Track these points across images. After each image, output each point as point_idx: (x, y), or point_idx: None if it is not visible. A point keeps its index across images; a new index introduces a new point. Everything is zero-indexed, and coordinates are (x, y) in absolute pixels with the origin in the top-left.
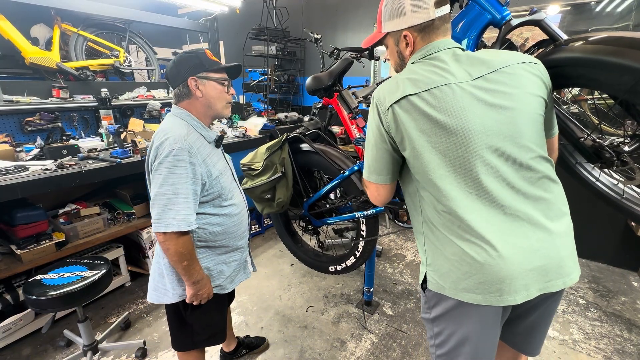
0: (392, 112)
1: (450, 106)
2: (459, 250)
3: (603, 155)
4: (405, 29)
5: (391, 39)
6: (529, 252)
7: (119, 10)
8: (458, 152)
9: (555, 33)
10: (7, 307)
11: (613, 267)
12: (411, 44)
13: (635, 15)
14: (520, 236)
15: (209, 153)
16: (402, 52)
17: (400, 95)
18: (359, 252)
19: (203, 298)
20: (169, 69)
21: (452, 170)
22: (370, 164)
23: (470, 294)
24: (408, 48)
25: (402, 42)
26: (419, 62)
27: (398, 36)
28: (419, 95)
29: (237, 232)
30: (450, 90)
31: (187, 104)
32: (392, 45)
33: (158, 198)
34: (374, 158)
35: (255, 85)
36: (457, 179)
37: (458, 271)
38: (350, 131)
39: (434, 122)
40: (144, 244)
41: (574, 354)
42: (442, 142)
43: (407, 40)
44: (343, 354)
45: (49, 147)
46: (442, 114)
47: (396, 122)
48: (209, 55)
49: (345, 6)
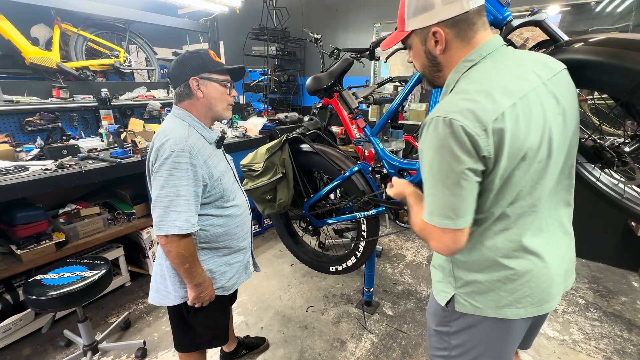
0: (492, 133)
1: (537, 115)
2: (505, 268)
3: (604, 155)
4: (434, 25)
5: (416, 37)
6: (561, 259)
7: (119, 10)
8: (539, 165)
9: (556, 34)
10: (7, 307)
11: (613, 267)
12: (442, 42)
13: (635, 15)
14: (556, 243)
15: (210, 154)
16: (431, 51)
17: (499, 110)
18: (359, 252)
19: (205, 300)
20: (172, 68)
21: (527, 187)
22: (449, 205)
23: (513, 309)
24: (438, 47)
25: (430, 40)
26: (480, 65)
27: (425, 34)
28: (515, 106)
29: (240, 233)
30: (536, 97)
31: (188, 105)
32: (417, 45)
33: (159, 200)
34: (458, 197)
35: (255, 85)
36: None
37: (501, 290)
38: (350, 131)
39: (528, 136)
40: (144, 244)
41: (574, 354)
42: (532, 156)
43: (436, 38)
44: (343, 354)
45: (49, 147)
46: (535, 124)
47: (496, 144)
48: (213, 56)
49: (345, 6)
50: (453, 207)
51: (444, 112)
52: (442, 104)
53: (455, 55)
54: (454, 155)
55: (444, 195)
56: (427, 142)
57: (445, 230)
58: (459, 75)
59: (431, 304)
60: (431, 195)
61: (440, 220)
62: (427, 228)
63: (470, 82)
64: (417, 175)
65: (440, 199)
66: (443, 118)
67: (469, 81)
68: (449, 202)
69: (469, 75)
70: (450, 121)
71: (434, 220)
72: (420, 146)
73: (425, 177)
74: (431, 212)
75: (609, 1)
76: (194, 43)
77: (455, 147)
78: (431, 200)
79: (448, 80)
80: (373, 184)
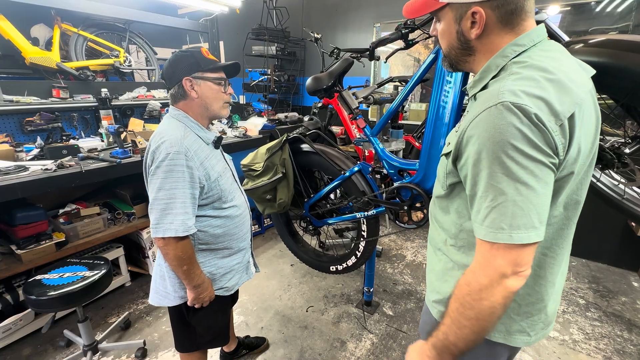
0: (567, 130)
1: (590, 121)
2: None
3: (604, 157)
4: (477, 3)
5: (451, 13)
6: (563, 277)
7: (119, 10)
8: (579, 176)
9: (556, 34)
10: (7, 307)
11: (613, 267)
12: (480, 25)
13: (635, 15)
14: (565, 263)
15: (207, 155)
16: (464, 33)
17: (577, 99)
18: (359, 252)
19: (205, 301)
20: (165, 68)
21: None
22: (534, 208)
23: (523, 337)
24: (474, 30)
25: (466, 21)
26: (531, 52)
27: (463, 11)
28: (583, 103)
29: (239, 233)
30: (590, 99)
31: (184, 105)
32: (450, 22)
33: (156, 203)
34: (543, 196)
35: (255, 85)
36: None
37: (514, 312)
38: (350, 131)
39: (587, 138)
40: (144, 244)
41: (574, 354)
42: (583, 164)
43: (475, 19)
44: (343, 354)
45: (49, 147)
46: (588, 129)
47: (569, 140)
48: (205, 54)
49: (345, 6)
50: (538, 210)
51: (511, 97)
52: (502, 90)
53: (495, 42)
54: (534, 144)
55: (524, 198)
56: (488, 133)
57: (527, 247)
58: (506, 61)
59: (425, 321)
60: (503, 204)
61: (522, 233)
62: (495, 255)
63: (532, 68)
64: (417, 175)
65: (520, 204)
66: (512, 103)
67: (528, 67)
68: (533, 204)
69: (525, 62)
70: (521, 107)
71: (512, 236)
72: (471, 142)
73: (487, 182)
74: (507, 226)
75: (609, 1)
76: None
77: (533, 136)
78: (503, 211)
79: (489, 64)
80: (373, 184)
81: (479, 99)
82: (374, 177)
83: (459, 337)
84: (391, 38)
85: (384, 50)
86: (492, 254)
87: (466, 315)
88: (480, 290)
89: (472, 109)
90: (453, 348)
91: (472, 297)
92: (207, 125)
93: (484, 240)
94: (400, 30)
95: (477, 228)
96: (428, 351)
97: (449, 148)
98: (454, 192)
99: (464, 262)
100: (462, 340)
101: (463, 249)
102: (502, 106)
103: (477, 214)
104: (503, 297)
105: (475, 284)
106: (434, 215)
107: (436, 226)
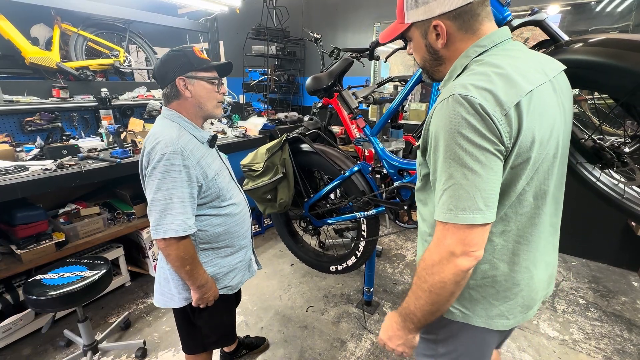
0: (512, 119)
1: (547, 111)
2: (501, 275)
3: (604, 156)
4: (435, 18)
5: (417, 30)
6: (547, 264)
7: (119, 10)
8: (545, 164)
9: (556, 34)
10: (7, 307)
11: (613, 267)
12: (443, 35)
13: (635, 15)
14: (546, 248)
15: (203, 154)
16: (432, 45)
17: (521, 94)
18: (359, 252)
19: (210, 301)
20: (157, 68)
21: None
22: (478, 192)
23: (502, 320)
24: (440, 40)
25: (431, 34)
26: (491, 51)
27: (426, 27)
28: (532, 95)
29: (240, 231)
30: (546, 91)
31: (177, 105)
32: (418, 38)
33: (154, 204)
34: (488, 181)
35: (255, 85)
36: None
37: (493, 298)
38: (350, 131)
39: (543, 128)
40: (144, 244)
41: (574, 354)
42: (540, 153)
43: (438, 31)
44: (343, 354)
45: (49, 147)
46: (546, 120)
47: (515, 133)
48: (197, 54)
49: (345, 6)
50: (483, 194)
51: (461, 90)
52: (455, 84)
53: (460, 48)
54: (479, 132)
55: (469, 182)
56: (442, 122)
57: (474, 228)
58: (469, 60)
59: None
60: (452, 187)
61: (467, 214)
62: (445, 235)
63: (486, 65)
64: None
65: (466, 188)
66: (460, 95)
67: (483, 64)
68: (478, 188)
69: (482, 60)
70: (468, 99)
71: (458, 216)
72: (431, 131)
73: (442, 166)
74: (454, 207)
75: (609, 1)
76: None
77: (478, 124)
78: (452, 193)
79: (455, 64)
80: (373, 184)
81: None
82: (373, 176)
83: (417, 307)
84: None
85: (384, 50)
86: (443, 233)
87: (421, 287)
88: (432, 265)
89: None
90: (412, 317)
91: (426, 271)
92: (201, 124)
93: (438, 220)
94: None
95: (435, 209)
96: (396, 317)
97: (420, 141)
98: (428, 184)
99: None
100: (419, 310)
101: None
102: (452, 98)
103: (435, 197)
104: (452, 273)
105: (429, 260)
106: (418, 209)
107: (420, 219)
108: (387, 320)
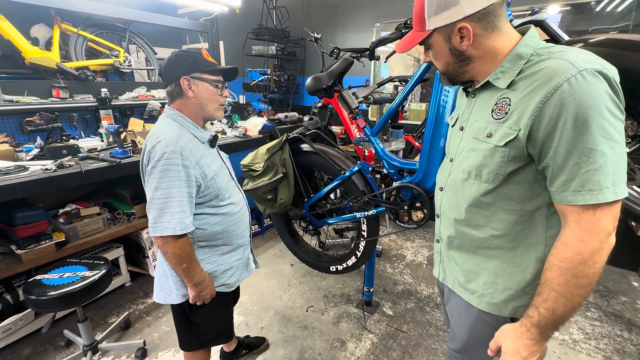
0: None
1: None
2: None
3: None
4: (460, 21)
5: (439, 36)
6: None
7: (119, 10)
8: None
9: (556, 34)
10: (7, 307)
11: (613, 267)
12: (469, 37)
13: (635, 15)
14: None
15: (202, 154)
16: (457, 47)
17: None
18: (360, 252)
19: (206, 299)
20: (163, 66)
21: None
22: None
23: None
24: (465, 42)
25: (455, 37)
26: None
27: (450, 31)
28: None
29: (238, 230)
30: None
31: (179, 104)
32: (440, 43)
33: (153, 202)
34: (624, 159)
35: (255, 85)
36: None
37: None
38: (350, 131)
39: None
40: (144, 244)
41: (574, 353)
42: None
43: (463, 34)
44: (343, 354)
45: (49, 147)
46: None
47: None
48: (205, 56)
49: (345, 6)
50: (625, 167)
51: (589, 65)
52: (569, 63)
53: (490, 45)
54: (617, 105)
55: (618, 155)
56: (581, 101)
57: (620, 201)
58: (532, 49)
59: (480, 333)
60: (605, 164)
61: (622, 188)
62: (600, 217)
63: (566, 48)
64: (417, 175)
65: (618, 162)
66: (594, 70)
67: (563, 49)
68: (624, 161)
69: (549, 46)
70: (602, 72)
71: (617, 192)
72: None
73: (585, 148)
74: (611, 184)
75: (609, 1)
76: (194, 43)
77: (616, 97)
78: (606, 170)
79: (515, 53)
80: (373, 184)
81: (528, 80)
82: (374, 176)
83: (568, 308)
84: (391, 38)
85: (384, 50)
86: (597, 216)
87: (579, 283)
88: (593, 255)
89: (522, 91)
90: (560, 321)
91: (586, 264)
92: (202, 125)
93: (588, 204)
94: (400, 30)
95: (573, 197)
96: (529, 333)
97: (508, 137)
98: (512, 180)
99: (532, 241)
100: (571, 310)
101: (525, 230)
102: (587, 73)
103: (568, 184)
104: (607, 253)
105: (588, 252)
106: (465, 218)
107: (471, 227)
108: (513, 342)
